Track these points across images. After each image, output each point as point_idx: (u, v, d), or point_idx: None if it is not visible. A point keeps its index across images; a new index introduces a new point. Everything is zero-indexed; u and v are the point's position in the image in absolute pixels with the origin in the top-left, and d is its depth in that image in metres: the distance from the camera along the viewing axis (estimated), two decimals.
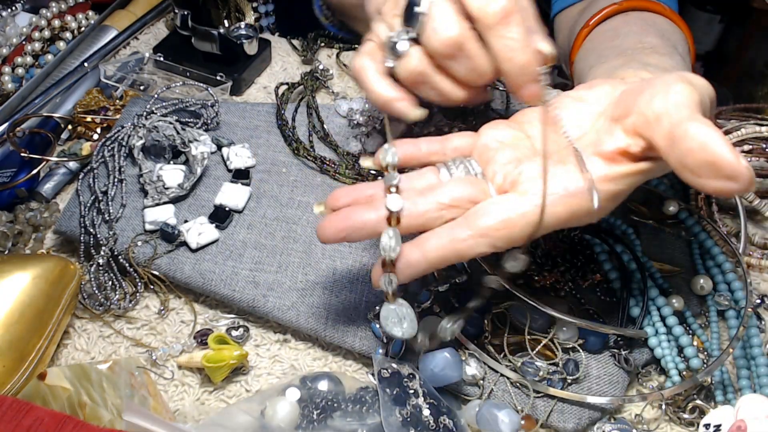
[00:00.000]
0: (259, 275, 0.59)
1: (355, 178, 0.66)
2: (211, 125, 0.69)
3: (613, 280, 0.59)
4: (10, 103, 0.73)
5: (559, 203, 0.43)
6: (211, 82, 0.75)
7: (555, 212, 0.43)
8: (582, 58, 0.64)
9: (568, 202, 0.43)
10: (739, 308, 0.58)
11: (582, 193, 0.43)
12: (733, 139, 0.65)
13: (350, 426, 0.49)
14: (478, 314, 0.55)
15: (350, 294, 0.58)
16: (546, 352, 0.55)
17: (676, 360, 0.55)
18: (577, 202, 0.43)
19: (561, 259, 0.59)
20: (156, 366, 0.55)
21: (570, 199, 0.43)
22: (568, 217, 0.44)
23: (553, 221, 0.44)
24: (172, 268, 0.59)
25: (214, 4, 0.82)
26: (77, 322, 0.58)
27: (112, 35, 0.82)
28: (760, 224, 0.67)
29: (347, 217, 0.47)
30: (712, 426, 0.49)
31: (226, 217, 0.62)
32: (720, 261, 0.60)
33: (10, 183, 0.66)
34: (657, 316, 0.57)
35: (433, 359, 0.52)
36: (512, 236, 0.44)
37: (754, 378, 0.55)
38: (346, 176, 0.66)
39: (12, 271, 0.53)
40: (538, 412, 0.53)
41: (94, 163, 0.64)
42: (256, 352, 0.57)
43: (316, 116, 0.72)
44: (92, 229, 0.60)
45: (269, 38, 0.83)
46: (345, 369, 0.56)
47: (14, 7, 0.85)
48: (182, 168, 0.64)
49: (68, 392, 0.44)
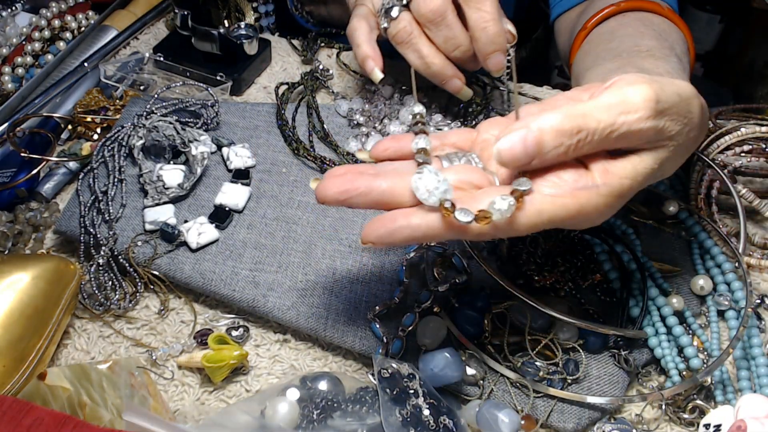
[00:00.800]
0: (259, 275, 0.59)
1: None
2: (211, 125, 0.69)
3: (613, 280, 0.59)
4: (10, 103, 0.73)
5: (569, 195, 0.43)
6: (211, 82, 0.75)
7: (564, 204, 0.43)
8: (580, 60, 0.64)
9: (577, 194, 0.43)
10: (738, 308, 0.58)
11: (591, 190, 0.43)
12: (733, 139, 0.65)
13: (350, 426, 0.49)
14: (479, 314, 0.55)
15: (350, 294, 0.58)
16: (546, 352, 0.55)
17: (676, 360, 0.55)
18: (586, 196, 0.43)
19: (561, 260, 0.59)
20: (156, 366, 0.55)
21: (579, 193, 0.43)
22: (578, 211, 0.43)
23: (563, 213, 0.43)
24: (172, 268, 0.59)
25: (214, 4, 0.82)
26: (77, 322, 0.58)
27: (112, 35, 0.82)
28: (760, 224, 0.67)
29: (353, 180, 0.43)
30: (712, 426, 0.49)
31: (226, 217, 0.62)
32: (720, 261, 0.60)
33: (10, 183, 0.66)
34: (657, 316, 0.57)
35: (433, 359, 0.52)
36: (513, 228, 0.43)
37: (754, 378, 0.55)
38: None
39: (12, 271, 0.53)
40: (538, 412, 0.53)
41: (94, 163, 0.64)
42: (256, 352, 0.57)
43: (316, 116, 0.72)
44: (92, 229, 0.60)
45: (269, 38, 0.83)
46: (345, 369, 0.56)
47: (14, 7, 0.85)
48: (182, 168, 0.64)
49: (68, 392, 0.44)
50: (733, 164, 0.64)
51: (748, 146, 0.65)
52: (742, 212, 0.62)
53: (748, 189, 0.63)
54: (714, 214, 0.64)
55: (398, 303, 0.57)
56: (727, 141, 0.65)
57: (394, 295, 0.57)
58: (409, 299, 0.58)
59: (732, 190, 0.62)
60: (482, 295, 0.56)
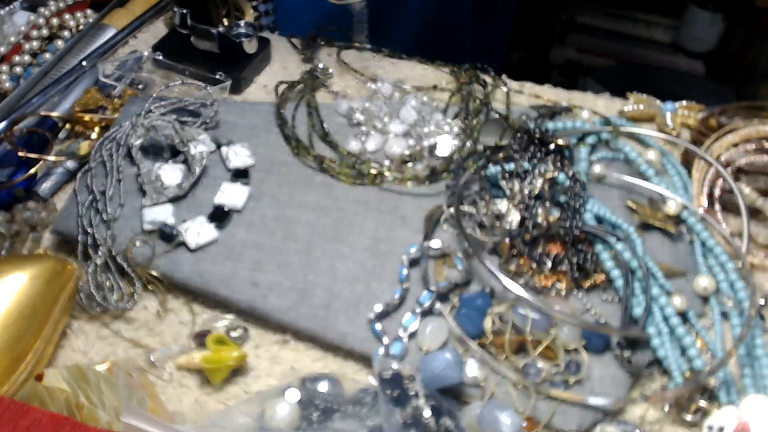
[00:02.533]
0: (259, 275, 0.58)
1: (355, 177, 0.66)
2: (210, 124, 0.69)
3: (614, 280, 0.58)
4: (8, 102, 0.73)
5: None
6: (211, 81, 0.75)
7: None
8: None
9: None
10: (742, 309, 0.57)
11: None
12: (736, 137, 0.65)
13: (350, 428, 0.49)
14: (480, 315, 0.55)
15: (350, 294, 0.58)
16: (548, 353, 0.54)
17: (679, 361, 0.54)
18: None
19: (562, 260, 0.59)
20: (154, 367, 0.55)
21: None
22: None
23: None
24: (171, 268, 0.59)
25: (213, 3, 0.82)
26: (75, 323, 0.58)
27: (111, 34, 0.81)
28: (764, 223, 0.67)
29: None
30: (715, 427, 0.49)
31: (225, 216, 0.61)
32: (722, 260, 0.60)
33: (7, 182, 0.65)
34: (660, 316, 0.56)
35: (434, 360, 0.52)
36: None
37: (758, 379, 0.54)
38: (346, 176, 0.66)
39: (9, 272, 0.53)
40: (541, 413, 0.52)
41: (92, 163, 0.64)
42: (255, 353, 0.56)
43: (316, 115, 0.72)
44: (90, 229, 0.60)
45: (269, 37, 0.82)
46: (345, 370, 0.56)
47: (12, 6, 0.84)
48: (181, 167, 0.64)
49: (66, 393, 0.44)
50: (736, 162, 0.64)
51: (751, 144, 0.64)
52: (746, 211, 0.61)
53: (751, 188, 0.63)
54: (717, 213, 0.63)
55: (399, 303, 0.57)
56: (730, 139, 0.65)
57: (395, 295, 0.57)
58: (410, 299, 0.57)
59: (735, 188, 0.62)
60: (483, 295, 0.56)
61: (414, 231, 0.62)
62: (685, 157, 0.69)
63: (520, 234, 0.60)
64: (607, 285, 0.59)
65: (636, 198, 0.65)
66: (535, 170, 0.63)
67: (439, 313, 0.56)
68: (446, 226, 0.63)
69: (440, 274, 0.58)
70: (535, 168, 0.63)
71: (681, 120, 0.73)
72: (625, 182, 0.66)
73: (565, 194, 0.62)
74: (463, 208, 0.62)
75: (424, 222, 0.63)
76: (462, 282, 0.58)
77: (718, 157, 0.64)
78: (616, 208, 0.64)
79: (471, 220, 0.62)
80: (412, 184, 0.64)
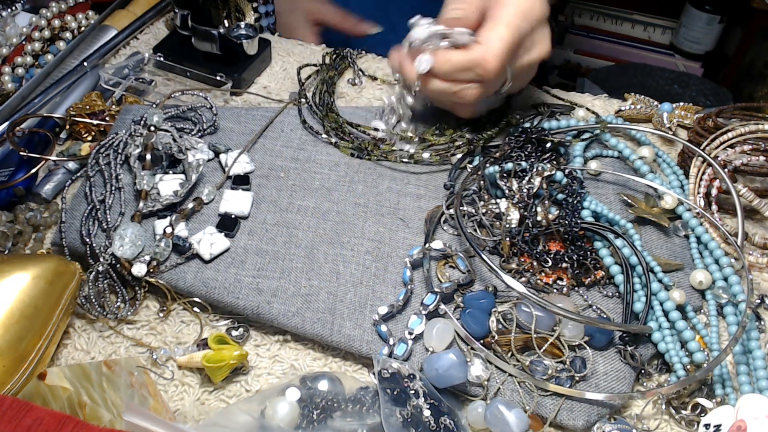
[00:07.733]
0: (263, 282, 0.58)
1: (386, 154, 0.68)
2: (207, 131, 0.69)
3: (614, 276, 0.59)
4: (10, 103, 0.73)
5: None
6: (211, 82, 0.75)
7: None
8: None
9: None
10: (737, 302, 0.58)
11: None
12: (733, 138, 0.65)
13: (350, 426, 0.49)
14: (484, 314, 0.55)
15: (354, 298, 0.58)
16: (553, 350, 0.54)
17: (680, 354, 0.55)
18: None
19: (563, 257, 0.59)
20: (156, 366, 0.55)
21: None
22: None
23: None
24: (175, 277, 0.58)
25: (214, 4, 0.82)
26: (77, 322, 0.58)
27: (112, 35, 0.82)
28: (760, 223, 0.67)
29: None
30: (712, 426, 0.49)
31: (233, 224, 0.61)
32: (717, 255, 0.60)
33: (8, 182, 0.65)
34: (660, 311, 0.57)
35: (439, 360, 0.52)
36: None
37: (753, 378, 0.54)
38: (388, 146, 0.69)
39: (12, 271, 0.53)
40: (547, 410, 0.52)
41: (90, 171, 0.63)
42: (256, 352, 0.57)
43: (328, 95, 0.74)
44: (88, 239, 0.59)
45: (269, 38, 0.82)
46: (345, 369, 0.56)
47: (14, 7, 0.85)
48: (180, 178, 0.63)
49: (68, 392, 0.44)
50: (733, 162, 0.64)
51: (748, 145, 0.65)
52: (741, 211, 0.62)
53: (748, 188, 0.63)
54: (714, 213, 0.64)
55: (403, 305, 0.57)
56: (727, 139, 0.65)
57: (399, 297, 0.57)
58: (414, 300, 0.58)
59: (731, 188, 0.62)
60: (487, 295, 0.56)
61: (414, 232, 0.62)
62: (681, 159, 0.69)
63: (520, 232, 0.60)
64: (607, 281, 0.59)
65: (631, 194, 0.65)
66: (533, 169, 0.63)
67: (444, 313, 0.56)
68: (446, 226, 0.63)
69: (443, 275, 0.58)
70: (533, 167, 0.64)
71: (678, 120, 0.74)
72: (620, 178, 0.67)
73: (563, 192, 0.63)
74: (462, 208, 0.62)
75: (425, 223, 0.63)
76: (465, 282, 0.58)
77: (714, 158, 0.64)
78: (612, 204, 0.64)
79: (471, 220, 0.62)
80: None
